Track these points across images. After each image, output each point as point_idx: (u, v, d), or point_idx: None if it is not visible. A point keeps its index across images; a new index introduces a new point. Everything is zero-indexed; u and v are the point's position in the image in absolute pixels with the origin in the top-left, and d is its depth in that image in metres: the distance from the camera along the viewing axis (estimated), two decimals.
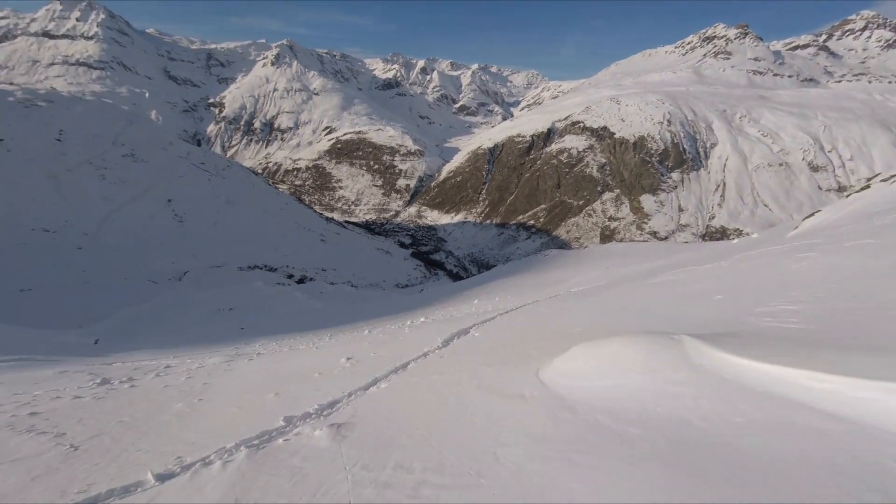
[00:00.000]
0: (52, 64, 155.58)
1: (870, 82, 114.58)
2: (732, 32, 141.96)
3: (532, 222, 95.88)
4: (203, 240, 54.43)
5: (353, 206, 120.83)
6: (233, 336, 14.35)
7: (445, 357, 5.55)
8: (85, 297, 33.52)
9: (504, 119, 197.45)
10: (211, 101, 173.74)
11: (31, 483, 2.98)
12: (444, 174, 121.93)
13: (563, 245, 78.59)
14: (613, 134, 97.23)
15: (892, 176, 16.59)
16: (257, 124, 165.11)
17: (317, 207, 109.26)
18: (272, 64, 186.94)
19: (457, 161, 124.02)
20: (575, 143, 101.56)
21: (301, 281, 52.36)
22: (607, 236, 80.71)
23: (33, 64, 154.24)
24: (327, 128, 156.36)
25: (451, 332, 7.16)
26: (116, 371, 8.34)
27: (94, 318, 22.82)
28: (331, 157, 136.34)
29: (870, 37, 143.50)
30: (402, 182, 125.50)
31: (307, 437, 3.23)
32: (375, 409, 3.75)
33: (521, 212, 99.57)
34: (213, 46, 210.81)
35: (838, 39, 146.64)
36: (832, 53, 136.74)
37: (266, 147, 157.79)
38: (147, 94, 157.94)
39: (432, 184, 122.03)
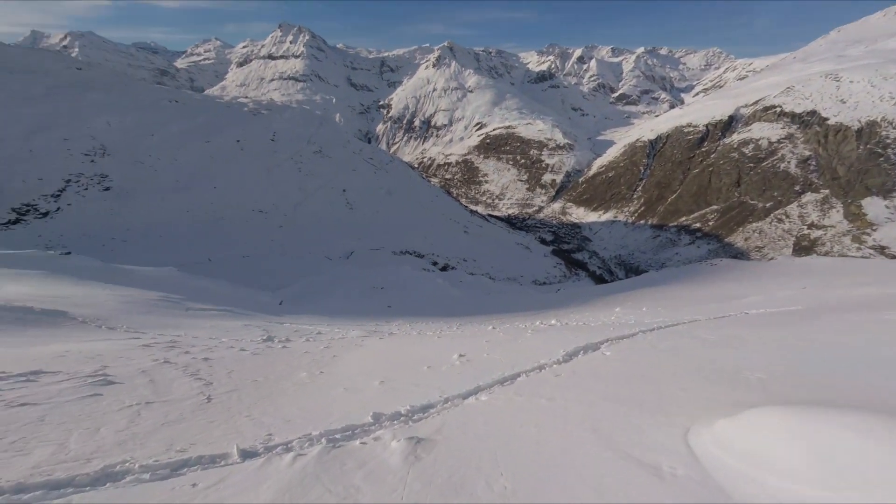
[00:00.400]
0: (273, 80, 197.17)
1: None
2: None
3: (698, 225, 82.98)
4: (367, 225, 62.58)
5: (496, 200, 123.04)
6: (379, 312, 16.19)
7: (562, 377, 4.73)
8: (281, 267, 41.99)
9: (672, 107, 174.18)
10: (381, 103, 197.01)
11: (160, 428, 3.45)
12: (594, 169, 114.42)
13: (739, 255, 66.25)
14: (826, 120, 76.72)
15: None
16: (417, 122, 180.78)
17: (463, 200, 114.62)
18: (433, 66, 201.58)
19: (610, 155, 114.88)
20: (766, 132, 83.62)
21: (444, 268, 56.01)
22: (804, 248, 64.72)
23: (261, 81, 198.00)
24: (478, 123, 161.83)
25: (578, 344, 6.20)
26: (282, 331, 10.42)
27: (284, 283, 28.49)
28: (479, 152, 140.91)
29: None
30: (547, 177, 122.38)
31: (383, 446, 3.08)
32: (464, 429, 3.36)
33: (685, 213, 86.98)
34: (386, 54, 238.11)
35: None
36: None
37: (423, 143, 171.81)
38: (334, 100, 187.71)
39: (580, 179, 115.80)
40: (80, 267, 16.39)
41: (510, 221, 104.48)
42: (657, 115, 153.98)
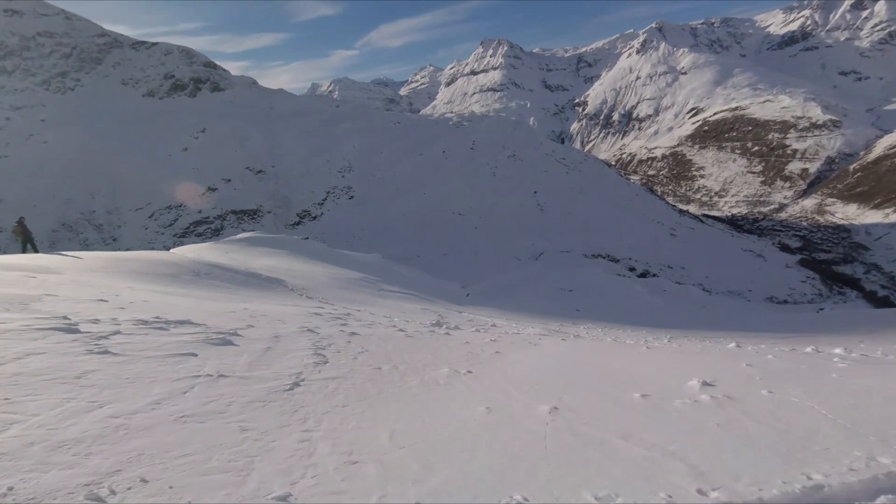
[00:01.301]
0: (474, 93, 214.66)
1: None
2: None
3: None
4: (557, 226, 61.42)
5: (715, 198, 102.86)
6: (566, 314, 15.37)
7: None
8: (474, 264, 45.22)
9: None
10: (576, 101, 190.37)
11: (244, 408, 2.81)
12: (879, 150, 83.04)
13: None
14: None
15: None
16: (616, 117, 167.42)
17: (670, 199, 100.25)
18: (637, 52, 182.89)
19: None
20: None
21: (643, 275, 49.94)
22: None
23: (464, 96, 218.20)
24: (693, 109, 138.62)
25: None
26: (455, 318, 10.38)
27: (475, 280, 30.43)
28: (693, 142, 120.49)
29: None
30: (795, 166, 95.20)
31: None
32: None
33: None
34: (582, 50, 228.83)
35: None
36: None
37: (622, 138, 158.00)
38: (528, 105, 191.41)
39: (852, 166, 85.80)
40: (313, 249, 21.46)
41: (735, 223, 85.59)
42: None
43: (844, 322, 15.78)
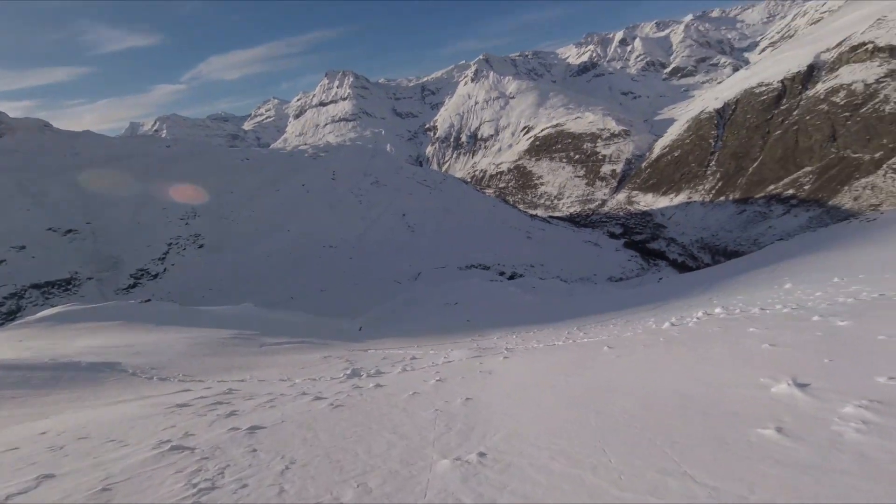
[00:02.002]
0: (326, 124, 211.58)
1: None
2: None
3: (791, 192, 73.83)
4: (429, 245, 63.65)
5: (555, 201, 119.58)
6: (462, 327, 15.87)
7: None
8: (355, 295, 43.80)
9: (735, 70, 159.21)
10: (427, 126, 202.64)
11: None
12: (656, 151, 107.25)
13: (850, 217, 57.85)
14: None
15: None
16: (464, 138, 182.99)
17: (521, 206, 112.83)
18: (471, 81, 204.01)
19: (672, 134, 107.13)
20: (859, 74, 73.02)
21: (512, 277, 54.94)
22: None
23: (316, 127, 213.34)
24: (525, 127, 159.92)
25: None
26: (368, 360, 9.05)
27: (360, 310, 29.57)
28: (530, 156, 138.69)
29: None
30: (606, 168, 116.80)
31: None
32: None
33: (772, 181, 77.96)
34: (425, 79, 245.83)
35: None
36: None
37: (472, 157, 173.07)
38: (382, 132, 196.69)
39: (643, 165, 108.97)
40: (159, 312, 17.57)
41: (573, 220, 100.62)
42: (720, 82, 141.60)
43: (680, 286, 19.73)
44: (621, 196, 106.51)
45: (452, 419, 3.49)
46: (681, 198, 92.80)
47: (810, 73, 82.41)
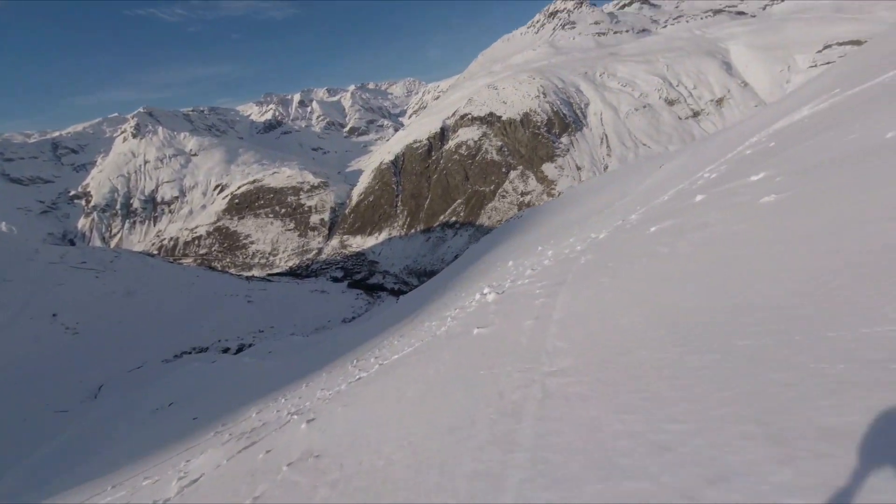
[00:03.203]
0: None
1: (687, 21, 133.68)
2: (570, 4, 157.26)
3: (454, 219, 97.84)
4: (107, 344, 47.79)
5: (271, 258, 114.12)
6: (190, 429, 12.68)
7: None
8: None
9: (396, 130, 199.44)
10: (73, 193, 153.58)
11: None
12: (355, 198, 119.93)
13: (489, 231, 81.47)
14: (500, 117, 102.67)
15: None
16: (136, 204, 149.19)
17: (233, 270, 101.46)
18: (133, 136, 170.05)
19: (363, 182, 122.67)
20: (469, 134, 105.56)
21: (241, 350, 48.16)
22: (524, 209, 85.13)
23: None
24: (218, 185, 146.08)
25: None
26: None
27: (10, 464, 18.87)
28: (231, 215, 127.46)
29: None
30: (315, 218, 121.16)
31: None
32: None
33: (441, 212, 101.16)
34: (56, 134, 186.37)
35: None
36: (652, 5, 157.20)
37: (155, 224, 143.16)
38: None
39: (346, 211, 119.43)
40: None
41: (295, 273, 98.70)
42: (388, 140, 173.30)
43: (418, 299, 21.97)
44: (335, 242, 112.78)
45: None
46: (383, 235, 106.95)
47: (443, 134, 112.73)
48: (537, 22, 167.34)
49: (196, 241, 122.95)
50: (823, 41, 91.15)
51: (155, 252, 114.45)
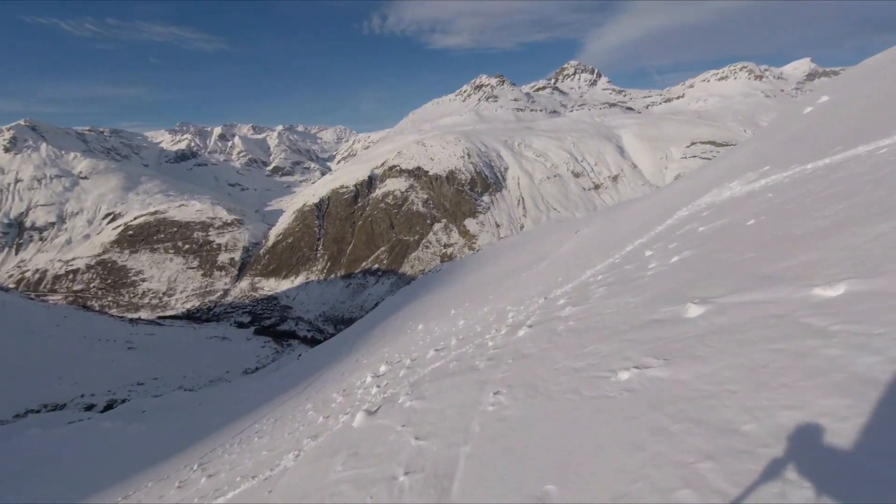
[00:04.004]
0: None
1: (589, 109, 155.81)
2: (494, 81, 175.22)
3: (377, 266, 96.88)
4: None
5: (165, 298, 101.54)
6: None
7: None
8: None
9: (323, 174, 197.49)
10: None
11: None
12: (272, 239, 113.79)
13: (412, 280, 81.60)
14: (427, 172, 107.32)
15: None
16: None
17: (114, 310, 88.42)
18: (6, 150, 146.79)
19: (283, 223, 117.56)
20: (396, 185, 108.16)
21: (110, 407, 40.76)
22: (447, 259, 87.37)
23: None
24: (110, 214, 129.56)
25: None
26: None
27: None
28: (122, 248, 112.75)
29: (580, 78, 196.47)
30: (224, 257, 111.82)
31: None
32: None
33: (364, 258, 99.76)
34: None
35: (561, 82, 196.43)
36: (562, 92, 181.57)
37: (17, 253, 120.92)
38: None
39: (261, 251, 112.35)
40: None
41: (193, 317, 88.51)
42: (313, 182, 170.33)
43: (319, 358, 20.61)
44: (244, 283, 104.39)
45: None
46: (300, 279, 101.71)
47: (371, 182, 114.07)
48: (464, 91, 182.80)
49: (70, 276, 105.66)
50: (690, 139, 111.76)
51: (11, 286, 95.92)
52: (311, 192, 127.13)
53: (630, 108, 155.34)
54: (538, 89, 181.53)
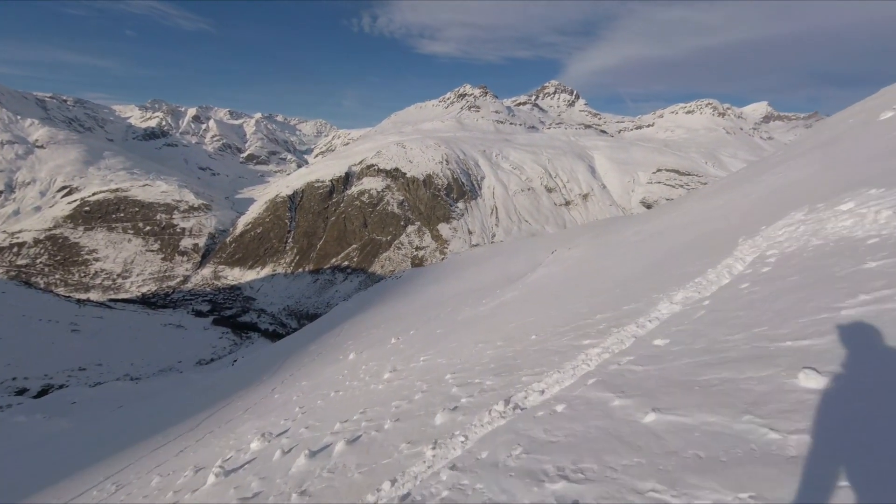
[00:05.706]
0: None
1: (566, 129, 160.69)
2: (477, 91, 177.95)
3: (346, 263, 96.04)
4: None
5: (119, 280, 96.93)
6: None
7: None
8: None
9: (299, 166, 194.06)
10: None
11: None
12: (240, 227, 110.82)
13: (381, 279, 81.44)
14: (405, 174, 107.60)
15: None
16: None
17: (60, 290, 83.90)
18: None
19: (254, 212, 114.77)
20: (373, 184, 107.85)
21: (44, 392, 38.72)
22: (417, 264, 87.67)
23: None
24: (66, 187, 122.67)
25: None
26: None
27: None
28: (76, 224, 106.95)
29: (559, 97, 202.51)
30: (187, 242, 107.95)
31: None
32: None
33: (334, 255, 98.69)
34: None
35: (542, 99, 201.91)
36: (541, 109, 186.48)
37: None
38: None
39: (228, 239, 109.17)
40: None
41: (148, 302, 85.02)
42: (288, 174, 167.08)
43: (247, 373, 20.40)
44: (207, 271, 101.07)
45: None
46: (266, 270, 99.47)
47: (347, 178, 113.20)
48: (448, 98, 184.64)
49: (15, 249, 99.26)
50: (657, 165, 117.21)
51: None
52: (286, 183, 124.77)
53: (604, 132, 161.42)
54: (519, 104, 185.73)
